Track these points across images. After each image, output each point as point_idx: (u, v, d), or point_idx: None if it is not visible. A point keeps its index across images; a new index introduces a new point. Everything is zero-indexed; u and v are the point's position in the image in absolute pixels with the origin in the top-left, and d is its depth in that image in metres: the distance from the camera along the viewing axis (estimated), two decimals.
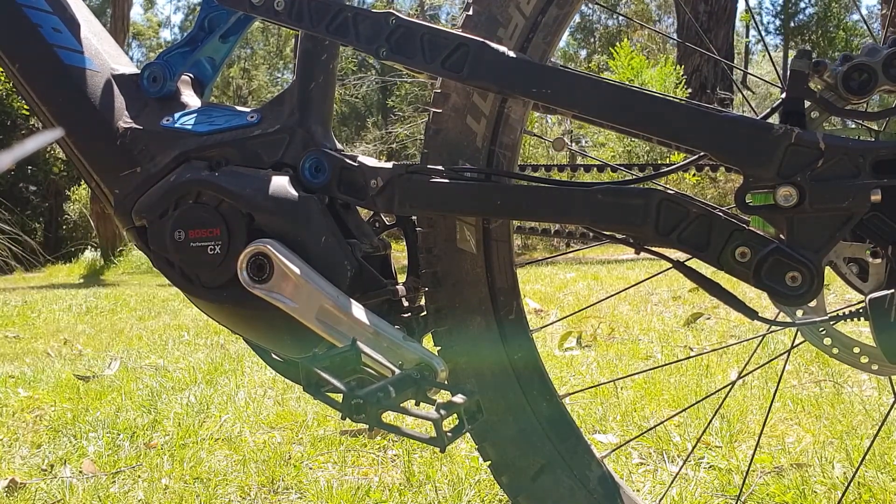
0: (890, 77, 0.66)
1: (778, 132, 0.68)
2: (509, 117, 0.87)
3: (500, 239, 0.90)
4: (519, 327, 0.93)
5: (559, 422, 0.94)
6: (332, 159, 0.89)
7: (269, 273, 0.86)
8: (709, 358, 2.53)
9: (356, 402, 0.61)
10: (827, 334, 0.85)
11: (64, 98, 0.99)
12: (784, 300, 0.70)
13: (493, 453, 0.94)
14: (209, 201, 0.91)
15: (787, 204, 0.68)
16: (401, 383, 0.65)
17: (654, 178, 0.83)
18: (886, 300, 0.67)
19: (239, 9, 0.93)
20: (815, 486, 1.44)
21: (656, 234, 0.72)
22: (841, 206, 0.67)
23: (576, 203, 0.75)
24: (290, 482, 1.57)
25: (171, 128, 0.97)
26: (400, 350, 0.81)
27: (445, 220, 0.88)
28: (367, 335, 0.82)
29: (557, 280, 4.79)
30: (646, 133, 0.73)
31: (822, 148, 0.67)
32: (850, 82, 0.68)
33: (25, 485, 1.57)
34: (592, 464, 0.94)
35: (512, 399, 0.92)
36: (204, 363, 2.73)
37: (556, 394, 0.94)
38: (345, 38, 0.85)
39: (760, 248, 0.69)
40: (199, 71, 1.06)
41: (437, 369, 0.80)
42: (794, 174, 0.68)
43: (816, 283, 0.68)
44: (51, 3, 1.00)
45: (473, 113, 0.86)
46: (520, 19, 0.85)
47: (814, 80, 0.71)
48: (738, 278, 0.71)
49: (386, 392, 0.63)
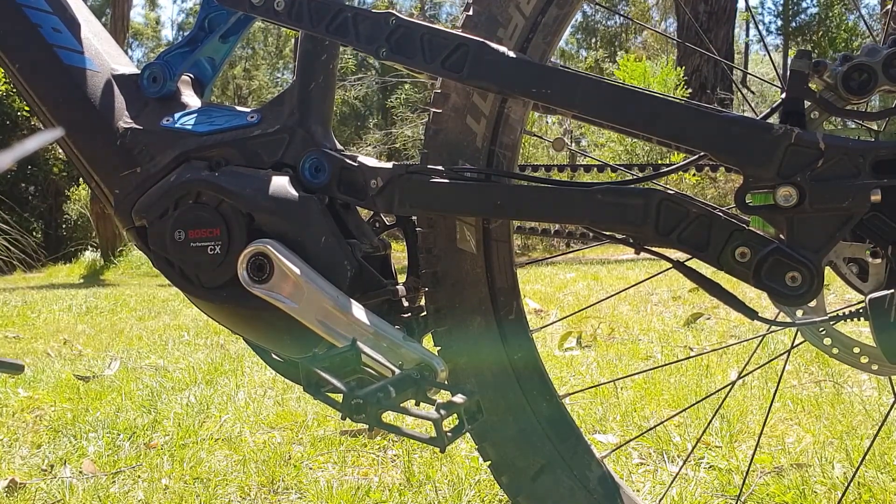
0: (890, 77, 0.66)
1: (778, 132, 0.68)
2: (509, 117, 0.87)
3: (500, 239, 0.90)
4: (519, 327, 0.93)
5: (559, 422, 0.94)
6: (331, 159, 0.89)
7: (269, 273, 0.86)
8: (709, 358, 2.53)
9: (356, 402, 0.61)
10: (827, 334, 0.85)
11: (64, 98, 0.99)
12: (784, 300, 0.70)
13: (493, 453, 0.94)
14: (209, 201, 0.91)
15: (787, 204, 0.68)
16: (401, 383, 0.65)
17: (654, 178, 0.83)
18: (886, 300, 0.67)
19: (239, 9, 0.93)
20: (815, 486, 1.44)
21: (656, 235, 0.72)
22: (841, 206, 0.67)
23: (575, 203, 0.75)
24: (290, 482, 1.57)
25: (171, 128, 0.97)
26: (400, 350, 0.81)
27: (445, 220, 0.88)
28: (367, 335, 0.82)
29: (557, 280, 4.79)
30: (645, 133, 0.73)
31: (821, 148, 0.67)
32: (849, 82, 0.68)
33: (25, 485, 1.57)
34: (592, 464, 0.94)
35: (512, 399, 0.92)
36: (204, 363, 2.73)
37: (555, 394, 0.94)
38: (345, 38, 0.85)
39: (760, 249, 0.69)
40: (199, 71, 1.06)
41: (438, 369, 0.80)
42: (794, 174, 0.68)
43: (816, 283, 0.67)
44: (51, 4, 1.00)
45: (473, 113, 0.86)
46: (520, 19, 0.85)
47: (814, 81, 0.71)
48: (738, 278, 0.71)
49: (386, 392, 0.63)
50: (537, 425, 0.92)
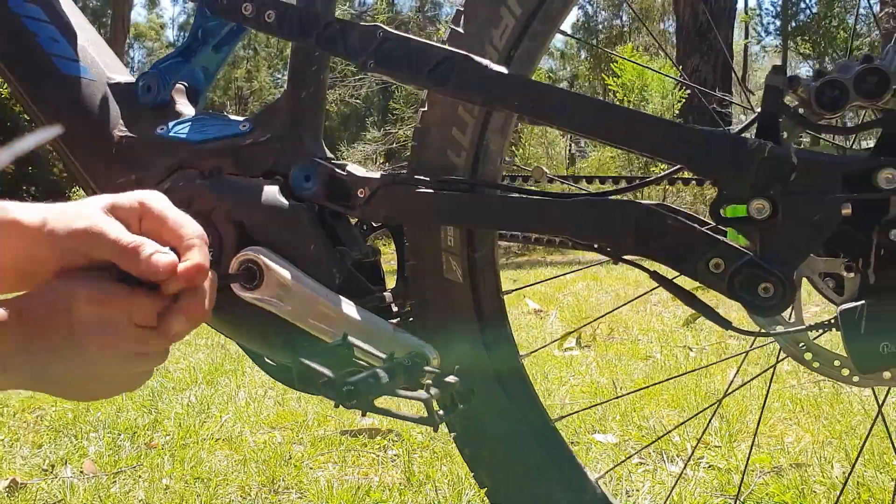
0: (861, 93, 0.68)
1: (752, 146, 0.69)
2: (489, 149, 0.88)
3: (486, 267, 0.91)
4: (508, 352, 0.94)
5: (551, 443, 0.95)
6: (321, 168, 0.91)
7: (259, 279, 0.87)
8: (708, 358, 2.54)
9: (348, 388, 0.62)
10: (807, 348, 0.87)
11: (60, 107, 1.01)
12: (757, 311, 0.71)
13: (488, 480, 0.95)
14: (201, 209, 0.93)
15: (760, 217, 0.69)
16: (392, 370, 0.66)
17: (633, 190, 0.84)
18: (857, 311, 0.68)
19: (231, 20, 0.95)
20: (814, 485, 1.45)
21: (634, 246, 0.73)
22: (812, 219, 0.68)
23: (557, 215, 0.77)
24: (290, 482, 1.59)
25: (165, 136, 0.99)
26: (392, 341, 0.83)
27: (432, 252, 0.90)
28: (358, 329, 0.83)
29: (557, 280, 4.80)
30: (624, 146, 0.75)
31: (794, 162, 0.68)
32: (822, 98, 0.69)
33: (26, 485, 1.59)
34: (588, 487, 0.95)
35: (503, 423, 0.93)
36: (204, 363, 2.75)
37: (547, 416, 0.95)
38: (334, 49, 0.86)
39: (734, 260, 0.71)
40: (194, 80, 1.08)
41: (429, 356, 0.81)
42: (768, 188, 0.69)
43: (788, 294, 0.69)
44: (48, 13, 1.02)
45: (453, 147, 0.87)
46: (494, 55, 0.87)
47: (789, 95, 0.72)
48: (712, 289, 0.72)
49: (377, 378, 0.64)
50: (528, 449, 0.93)
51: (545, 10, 0.84)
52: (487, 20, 0.85)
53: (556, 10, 0.84)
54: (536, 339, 3.04)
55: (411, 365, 0.75)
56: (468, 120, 0.86)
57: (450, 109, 0.87)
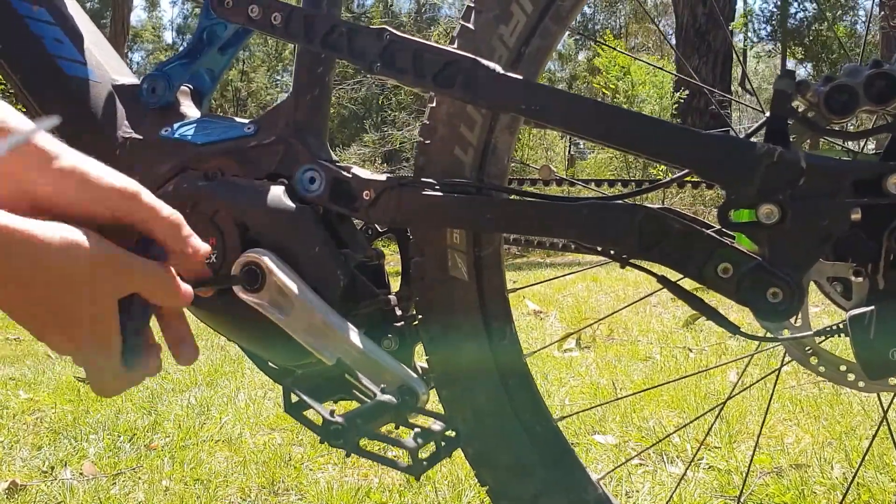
0: (871, 97, 0.67)
1: (760, 151, 0.69)
2: (497, 147, 0.87)
3: (492, 266, 0.91)
4: (513, 351, 0.94)
5: (553, 444, 0.94)
6: (326, 170, 0.90)
7: (262, 283, 0.87)
8: (708, 359, 2.55)
9: (335, 427, 0.63)
10: (813, 353, 0.87)
11: (65, 108, 1.00)
12: (765, 316, 0.71)
13: (490, 479, 0.95)
14: (205, 211, 0.92)
15: (769, 221, 0.69)
16: (379, 409, 0.67)
17: (641, 194, 0.84)
18: (866, 317, 0.68)
19: (237, 22, 0.95)
20: (814, 486, 1.46)
21: (639, 250, 0.73)
22: (821, 224, 0.68)
23: (562, 218, 0.76)
24: (290, 483, 1.59)
25: (170, 138, 0.99)
26: (384, 371, 0.82)
27: (436, 249, 0.89)
28: (352, 353, 0.83)
29: (557, 281, 4.81)
30: (631, 151, 0.75)
31: (803, 167, 0.68)
32: (832, 102, 0.69)
33: (26, 487, 1.58)
34: (588, 487, 0.94)
35: (506, 424, 0.93)
36: (204, 365, 2.74)
37: (550, 416, 0.95)
38: (339, 52, 0.86)
39: (743, 265, 0.71)
40: (198, 82, 1.07)
41: (419, 393, 0.81)
42: (776, 192, 0.69)
43: (797, 299, 0.69)
44: (53, 15, 1.01)
45: (461, 144, 0.87)
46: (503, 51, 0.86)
47: (797, 100, 0.72)
48: (720, 294, 0.72)
49: (364, 418, 0.64)
50: (531, 449, 0.93)
51: (556, 7, 0.84)
52: (498, 17, 0.85)
53: (566, 8, 0.84)
54: (536, 340, 3.04)
55: (400, 404, 0.75)
56: (476, 117, 0.86)
57: (458, 106, 0.86)
